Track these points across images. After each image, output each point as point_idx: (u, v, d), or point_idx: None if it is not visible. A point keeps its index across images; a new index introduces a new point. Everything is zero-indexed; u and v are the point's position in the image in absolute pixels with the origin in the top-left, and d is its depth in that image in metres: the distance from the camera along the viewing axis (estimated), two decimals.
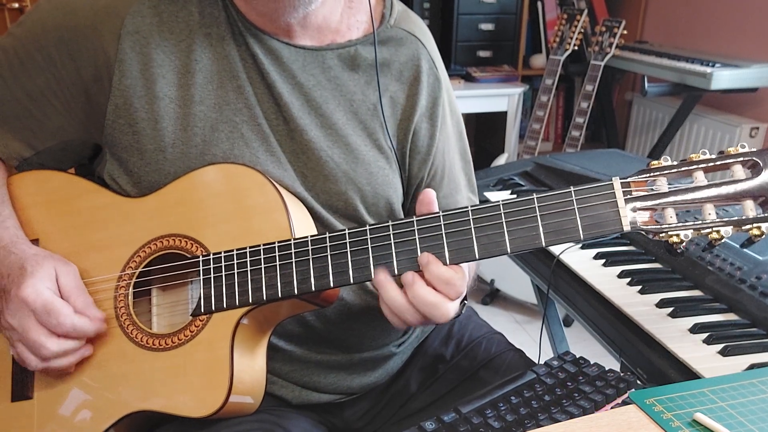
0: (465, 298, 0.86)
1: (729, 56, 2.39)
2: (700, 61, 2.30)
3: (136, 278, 0.81)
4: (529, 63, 3.06)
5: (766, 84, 2.27)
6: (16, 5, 2.41)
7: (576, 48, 2.72)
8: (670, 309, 0.98)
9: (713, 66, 2.23)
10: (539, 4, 3.05)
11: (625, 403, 0.71)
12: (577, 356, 0.82)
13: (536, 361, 0.96)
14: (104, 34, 0.81)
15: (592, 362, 0.81)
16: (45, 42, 0.82)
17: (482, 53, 2.93)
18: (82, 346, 0.78)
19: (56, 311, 0.74)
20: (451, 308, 0.72)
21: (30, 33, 0.84)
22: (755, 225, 0.66)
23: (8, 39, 0.86)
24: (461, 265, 0.73)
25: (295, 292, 0.74)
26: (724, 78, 2.19)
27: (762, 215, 0.66)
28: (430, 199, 0.75)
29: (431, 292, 0.71)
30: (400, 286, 0.73)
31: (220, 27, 0.83)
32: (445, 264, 0.71)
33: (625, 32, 2.61)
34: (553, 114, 3.22)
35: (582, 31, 2.72)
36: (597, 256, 1.16)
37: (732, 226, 0.67)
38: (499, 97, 2.84)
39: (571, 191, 0.69)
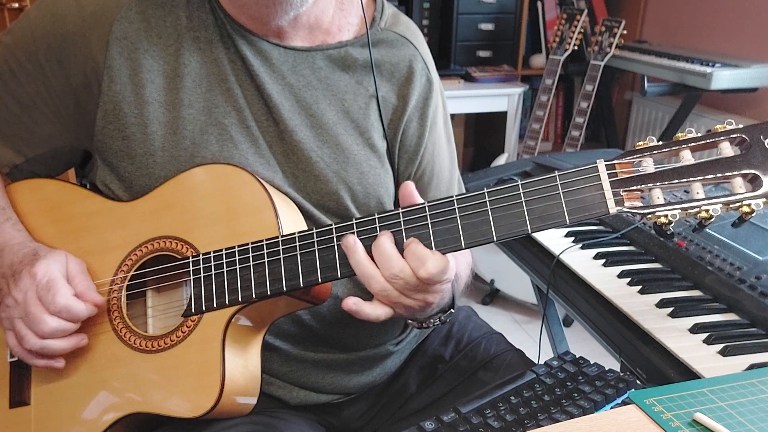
0: (451, 307, 0.85)
1: (729, 56, 2.38)
2: (700, 61, 2.30)
3: (130, 281, 0.81)
4: (528, 63, 3.05)
5: (766, 84, 2.26)
6: (16, 5, 2.40)
7: (576, 48, 2.71)
8: (670, 309, 0.98)
9: (713, 66, 2.23)
10: (539, 4, 3.05)
11: (625, 403, 0.71)
12: (577, 356, 0.82)
13: (536, 361, 0.96)
14: (92, 41, 0.81)
15: (591, 362, 0.81)
16: (34, 49, 0.83)
17: (482, 53, 2.93)
18: (76, 333, 0.78)
19: (55, 289, 0.75)
20: (407, 275, 0.70)
21: (19, 41, 0.85)
22: (745, 202, 0.64)
23: None
24: (451, 257, 0.73)
25: (284, 288, 0.74)
26: (724, 78, 2.19)
27: (751, 192, 0.64)
28: (410, 191, 0.75)
29: (397, 253, 0.70)
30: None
31: (208, 30, 0.84)
32: None
33: (625, 32, 2.60)
34: (552, 114, 3.22)
35: (582, 31, 2.72)
36: (597, 256, 1.16)
37: (721, 204, 0.65)
38: (499, 97, 2.84)
39: (555, 176, 0.69)
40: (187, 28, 0.83)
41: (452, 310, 0.85)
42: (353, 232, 0.73)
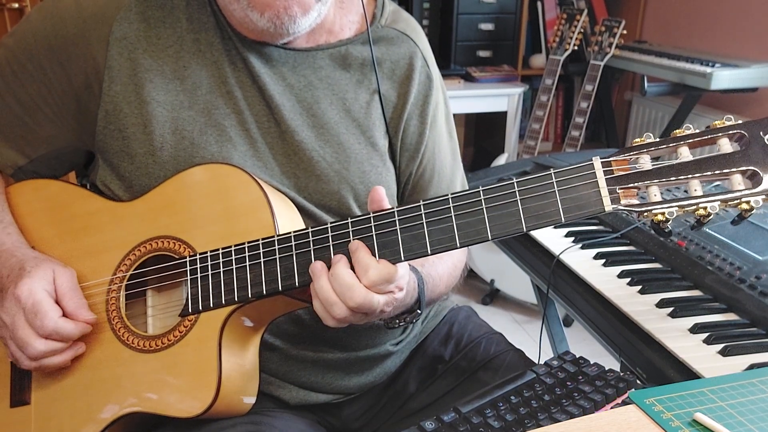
0: (417, 308, 0.83)
1: (729, 56, 2.38)
2: (700, 61, 2.30)
3: (130, 281, 0.82)
4: (528, 63, 3.05)
5: (766, 84, 2.26)
6: (16, 5, 2.40)
7: (576, 48, 2.71)
8: (670, 309, 0.98)
9: (713, 66, 2.23)
10: (539, 3, 3.04)
11: (625, 403, 0.71)
12: (577, 356, 0.82)
13: (536, 361, 0.96)
14: (92, 42, 0.82)
15: (591, 362, 0.81)
16: (36, 51, 0.84)
17: (482, 53, 2.93)
18: (72, 345, 0.78)
19: (42, 313, 0.75)
20: (372, 300, 0.70)
21: (21, 43, 0.85)
22: (744, 199, 0.63)
23: (1, 50, 0.87)
24: (404, 265, 0.72)
25: (280, 288, 0.74)
26: (724, 78, 2.19)
27: (750, 189, 0.63)
28: (379, 197, 0.74)
29: (349, 273, 0.70)
30: None
31: (209, 32, 0.84)
32: (426, 255, 0.70)
33: (625, 32, 2.60)
34: (552, 114, 3.22)
35: (582, 31, 2.72)
36: (597, 256, 1.16)
37: (719, 201, 0.63)
38: (499, 97, 2.84)
39: (551, 173, 0.68)
40: (188, 30, 0.84)
41: (419, 311, 0.84)
42: (349, 231, 0.73)
